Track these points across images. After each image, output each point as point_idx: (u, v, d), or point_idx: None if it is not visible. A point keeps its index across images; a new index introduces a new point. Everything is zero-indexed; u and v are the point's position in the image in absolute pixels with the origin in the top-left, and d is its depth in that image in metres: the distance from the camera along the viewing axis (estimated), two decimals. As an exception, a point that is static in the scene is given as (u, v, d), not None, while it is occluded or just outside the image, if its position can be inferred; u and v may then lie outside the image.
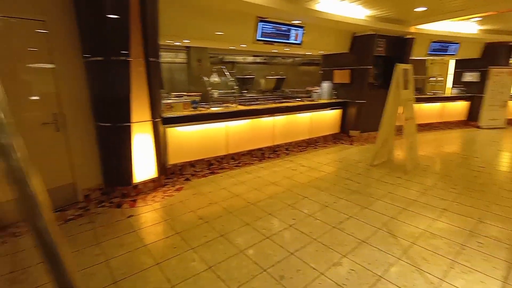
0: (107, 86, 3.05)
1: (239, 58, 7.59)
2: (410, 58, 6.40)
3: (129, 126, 3.15)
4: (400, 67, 4.19)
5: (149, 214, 3.05)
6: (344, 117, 6.49)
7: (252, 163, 4.73)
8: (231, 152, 4.68)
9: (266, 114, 5.02)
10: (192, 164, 4.23)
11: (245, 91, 6.56)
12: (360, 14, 5.17)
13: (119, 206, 3.16)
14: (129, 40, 2.97)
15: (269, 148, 5.24)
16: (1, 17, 2.56)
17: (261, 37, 4.53)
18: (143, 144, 3.33)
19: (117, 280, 2.07)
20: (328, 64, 6.75)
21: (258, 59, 7.77)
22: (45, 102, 2.89)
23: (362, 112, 6.19)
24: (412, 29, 6.01)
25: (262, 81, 7.28)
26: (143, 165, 3.38)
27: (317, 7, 4.55)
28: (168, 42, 5.27)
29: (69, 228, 2.75)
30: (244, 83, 6.71)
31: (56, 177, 3.04)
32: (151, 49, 3.20)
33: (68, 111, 3.03)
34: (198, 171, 4.23)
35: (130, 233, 2.69)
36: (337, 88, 6.49)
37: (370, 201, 3.35)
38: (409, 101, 4.41)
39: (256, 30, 4.44)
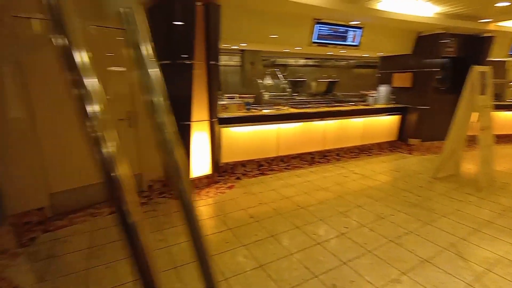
0: (172, 87, 3.31)
1: (291, 61, 7.58)
2: (487, 59, 5.64)
3: (189, 125, 3.40)
4: (476, 70, 3.73)
5: (203, 208, 3.24)
6: (402, 123, 6.01)
7: (301, 167, 4.68)
8: (281, 154, 4.70)
9: (318, 118, 4.92)
10: (243, 164, 4.36)
11: (296, 94, 6.53)
12: (428, 11, 4.74)
13: (176, 198, 3.42)
14: (193, 44, 3.20)
15: (319, 152, 5.12)
16: (95, 26, 2.98)
17: (317, 39, 4.47)
18: (200, 142, 3.55)
19: (177, 266, 2.24)
20: (386, 66, 6.33)
21: (310, 62, 7.68)
22: (122, 101, 3.28)
23: (424, 119, 5.65)
24: (492, 26, 5.29)
25: (313, 84, 7.16)
26: (199, 161, 3.61)
27: (379, 6, 4.31)
28: (225, 45, 5.53)
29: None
30: (295, 86, 6.69)
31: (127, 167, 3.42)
32: (212, 53, 3.39)
33: (139, 110, 3.39)
34: (249, 171, 4.34)
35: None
36: (396, 92, 6.04)
37: (434, 217, 3.04)
38: (486, 108, 3.88)
39: (312, 32, 4.39)
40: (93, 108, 0.52)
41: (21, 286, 2.04)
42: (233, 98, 4.95)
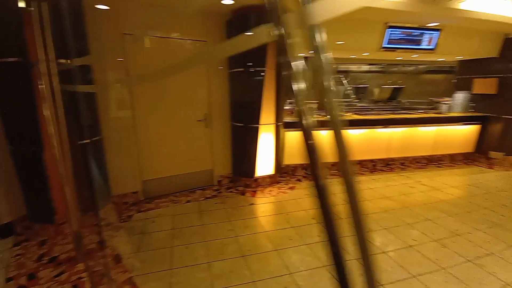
0: (244, 92, 3.63)
1: (353, 67, 7.39)
2: None
3: (257, 127, 3.66)
4: None
5: (267, 205, 3.46)
6: (482, 134, 5.37)
7: (362, 173, 4.58)
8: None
9: (383, 125, 4.74)
10: (303, 167, 4.47)
11: (357, 101, 6.36)
12: (523, 10, 4.19)
13: (243, 193, 3.72)
14: (266, 53, 3.45)
15: (382, 160, 4.93)
16: (180, 39, 3.46)
17: (388, 44, 4.33)
18: (266, 144, 3.78)
19: (245, 255, 2.48)
20: (465, 71, 5.74)
21: (373, 68, 7.36)
22: (201, 104, 3.71)
23: (510, 130, 4.97)
24: None
25: (376, 90, 6.86)
26: (264, 162, 3.85)
27: (462, 6, 3.98)
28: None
29: (208, 204, 3.45)
30: (357, 92, 6.51)
31: (202, 163, 3.86)
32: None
33: (214, 112, 3.79)
34: (309, 174, 4.43)
35: (253, 218, 3.14)
36: (476, 99, 5.43)
37: (522, 240, 2.72)
38: None
39: (382, 37, 4.28)
40: (298, 86, 0.66)
41: (121, 255, 2.50)
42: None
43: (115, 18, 3.00)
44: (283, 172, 4.38)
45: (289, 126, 4.18)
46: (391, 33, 4.29)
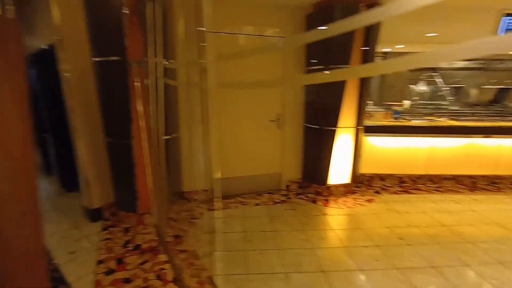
0: (322, 92, 3.36)
1: (443, 64, 6.39)
2: None
3: (334, 130, 3.35)
4: None
5: (343, 217, 3.12)
6: None
7: (459, 192, 3.82)
8: (430, 173, 4.00)
9: (487, 134, 3.90)
10: (381, 177, 3.97)
11: (446, 103, 5.45)
12: None
13: (314, 201, 3.44)
14: (351, 52, 3.12)
15: (485, 177, 4.05)
16: (257, 35, 3.38)
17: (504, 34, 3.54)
18: (343, 149, 3.44)
19: (325, 270, 2.21)
20: None
21: (471, 64, 6.20)
22: (274, 104, 3.58)
23: None
24: None
25: (473, 91, 5.77)
26: (339, 169, 3.50)
27: None
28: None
29: (278, 209, 3.28)
30: (452, 94, 5.58)
31: (271, 165, 3.73)
32: (369, 58, 3.23)
33: (287, 113, 3.62)
34: (388, 186, 3.91)
35: (329, 230, 2.84)
36: None
37: None
38: None
39: (496, 27, 3.51)
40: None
41: (197, 251, 2.49)
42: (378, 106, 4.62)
43: (194, 15, 3.06)
44: (358, 182, 3.95)
45: (368, 130, 3.74)
46: (508, 22, 3.49)
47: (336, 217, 3.13)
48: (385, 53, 5.36)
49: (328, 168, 3.49)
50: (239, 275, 2.15)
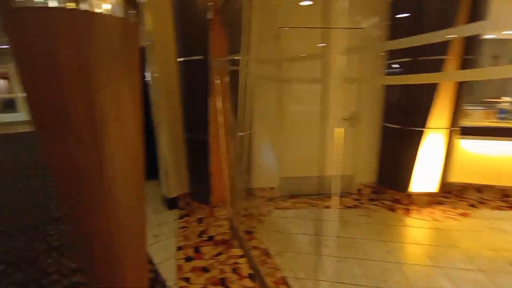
0: (408, 88, 2.97)
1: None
2: None
3: (421, 132, 2.94)
4: None
5: (431, 231, 2.72)
6: None
7: None
8: (546, 187, 3.24)
9: None
10: (477, 188, 3.36)
11: None
12: None
13: (392, 209, 3.09)
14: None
15: None
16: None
17: None
18: (431, 152, 3.00)
19: (417, 291, 1.93)
20: None
21: None
22: (348, 100, 3.33)
23: None
24: None
25: None
26: (424, 175, 3.07)
27: None
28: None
29: (351, 214, 3.04)
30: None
31: (342, 167, 3.47)
32: (470, 46, 2.75)
33: (363, 111, 3.32)
34: (487, 200, 3.29)
35: (415, 244, 2.50)
36: None
37: None
38: None
39: None
40: None
41: (268, 250, 2.43)
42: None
43: (271, 12, 3.01)
44: (445, 191, 3.42)
45: (466, 132, 3.20)
46: None
47: (421, 230, 2.74)
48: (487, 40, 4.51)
49: (411, 173, 3.08)
50: (316, 281, 2.02)
